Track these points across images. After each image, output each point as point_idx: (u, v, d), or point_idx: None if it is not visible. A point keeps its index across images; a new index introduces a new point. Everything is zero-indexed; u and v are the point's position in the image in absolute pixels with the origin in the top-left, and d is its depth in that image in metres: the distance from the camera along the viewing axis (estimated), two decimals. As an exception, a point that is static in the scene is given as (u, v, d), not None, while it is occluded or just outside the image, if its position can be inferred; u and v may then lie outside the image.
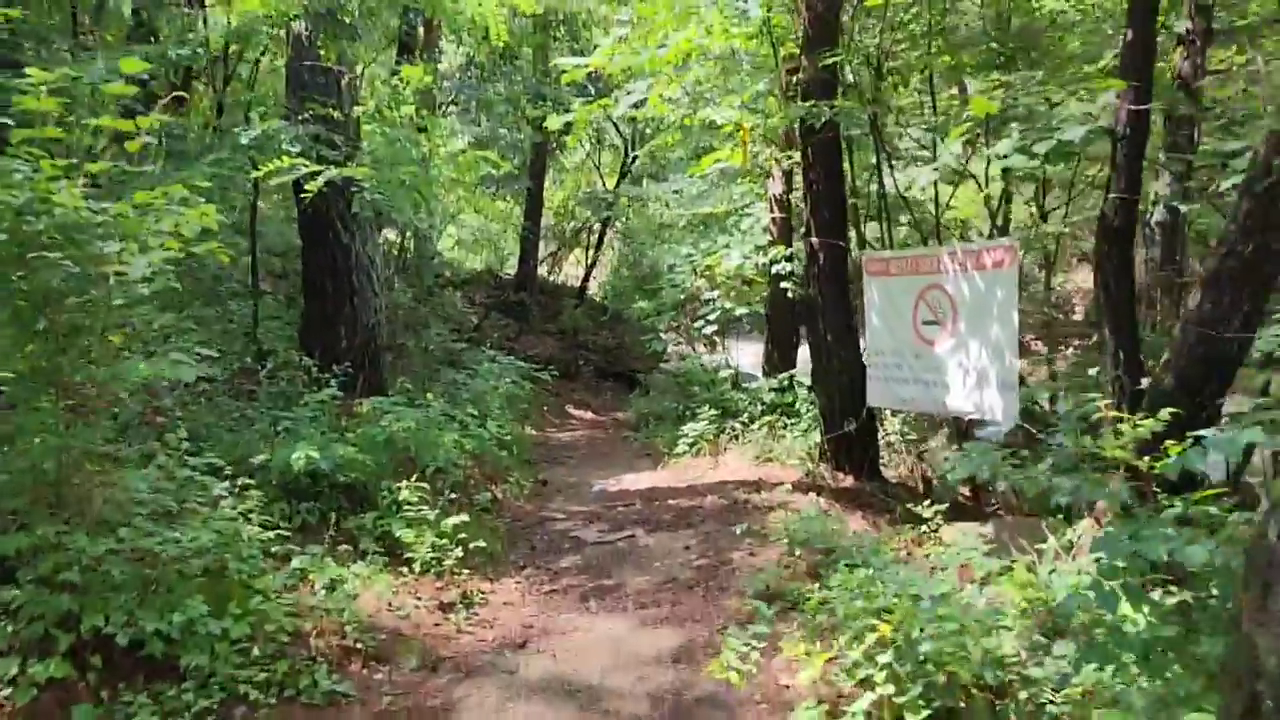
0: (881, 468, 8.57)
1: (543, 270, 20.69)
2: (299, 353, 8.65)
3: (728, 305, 10.60)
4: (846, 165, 8.87)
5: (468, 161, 8.03)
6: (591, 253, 19.95)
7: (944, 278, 7.31)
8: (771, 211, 11.45)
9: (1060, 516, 6.16)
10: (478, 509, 7.56)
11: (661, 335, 15.07)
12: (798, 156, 9.60)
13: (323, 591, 5.44)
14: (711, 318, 10.70)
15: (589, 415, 15.67)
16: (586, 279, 19.84)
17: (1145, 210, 10.14)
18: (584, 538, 7.17)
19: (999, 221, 9.55)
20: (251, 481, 5.96)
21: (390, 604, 5.52)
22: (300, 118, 7.47)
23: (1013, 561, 5.07)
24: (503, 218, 18.90)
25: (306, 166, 6.60)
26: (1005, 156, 6.20)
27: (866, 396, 8.08)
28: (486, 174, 9.16)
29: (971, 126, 5.97)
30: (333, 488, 6.65)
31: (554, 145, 20.32)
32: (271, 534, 5.41)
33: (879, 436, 8.75)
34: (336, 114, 7.88)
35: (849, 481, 8.23)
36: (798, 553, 6.10)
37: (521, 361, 15.66)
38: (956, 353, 7.23)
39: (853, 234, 8.78)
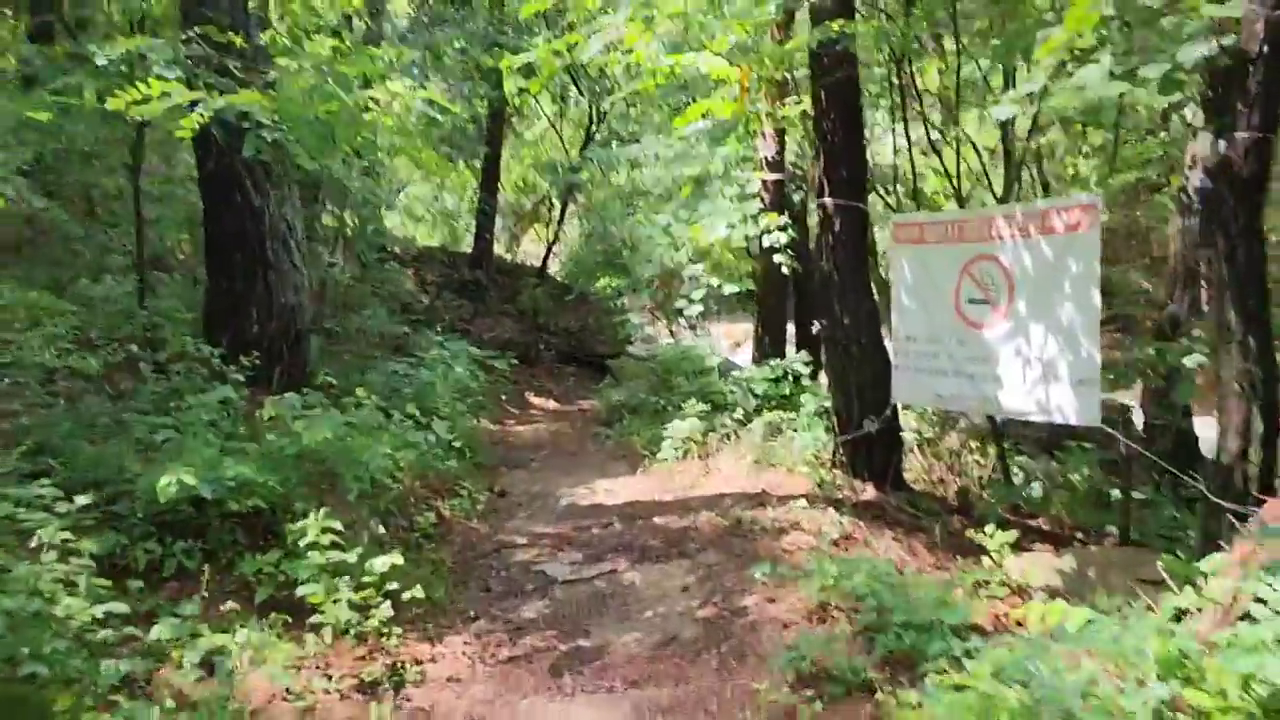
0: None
1: (500, 248, 18.97)
2: (201, 341, 6.97)
3: (714, 282, 9.07)
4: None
5: (405, 102, 6.42)
6: (553, 228, 18.27)
7: (997, 245, 5.85)
8: (763, 175, 9.93)
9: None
10: (417, 535, 5.99)
11: (632, 317, 13.53)
12: (796, 109, 8.10)
13: (192, 673, 3.87)
14: (695, 297, 9.17)
15: (552, 405, 14.08)
16: (547, 256, 18.18)
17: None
18: (552, 573, 5.62)
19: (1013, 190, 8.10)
20: (97, 516, 4.36)
21: (288, 689, 3.95)
22: (184, 37, 5.76)
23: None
24: (458, 185, 17.16)
25: (183, 95, 4.91)
26: (1082, 89, 4.74)
27: (892, 391, 6.62)
28: (432, 125, 7.49)
29: (1065, 41, 4.50)
30: (224, 518, 5.04)
31: (512, 111, 18.62)
32: (105, 605, 3.79)
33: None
34: (239, 41, 6.17)
35: (870, 492, 6.78)
36: (833, 600, 4.63)
37: (476, 347, 14.08)
38: (1013, 338, 5.79)
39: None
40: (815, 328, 8.03)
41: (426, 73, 15.57)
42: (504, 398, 13.44)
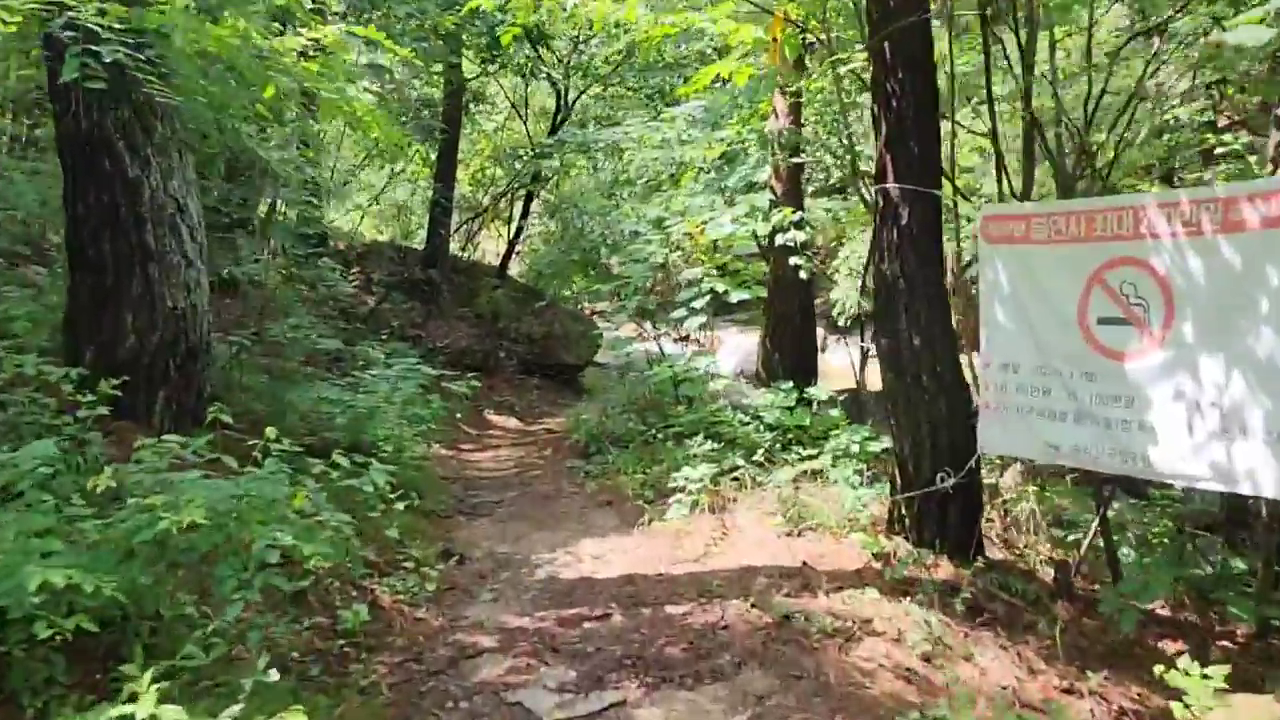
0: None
1: (455, 246, 17.05)
2: (52, 359, 5.08)
3: (719, 288, 7.36)
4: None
5: (335, 41, 4.64)
6: (515, 224, 16.40)
7: (1148, 246, 4.22)
8: (774, 161, 8.27)
9: None
10: (341, 644, 4.18)
11: (609, 320, 11.74)
12: (811, 84, 6.45)
13: None
14: (697, 305, 7.44)
15: (514, 424, 12.26)
16: (509, 255, 16.32)
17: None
18: (534, 708, 3.85)
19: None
20: None
21: None
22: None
23: None
24: (411, 173, 15.24)
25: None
26: None
27: (979, 437, 4.97)
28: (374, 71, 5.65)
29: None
30: (33, 646, 3.21)
31: (470, 96, 16.73)
32: None
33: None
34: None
35: (945, 568, 5.13)
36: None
37: (428, 356, 12.22)
38: (1171, 374, 4.16)
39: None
40: (867, 347, 6.38)
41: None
42: (459, 415, 11.59)
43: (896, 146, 5.22)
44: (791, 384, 8.04)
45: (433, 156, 16.09)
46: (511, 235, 16.30)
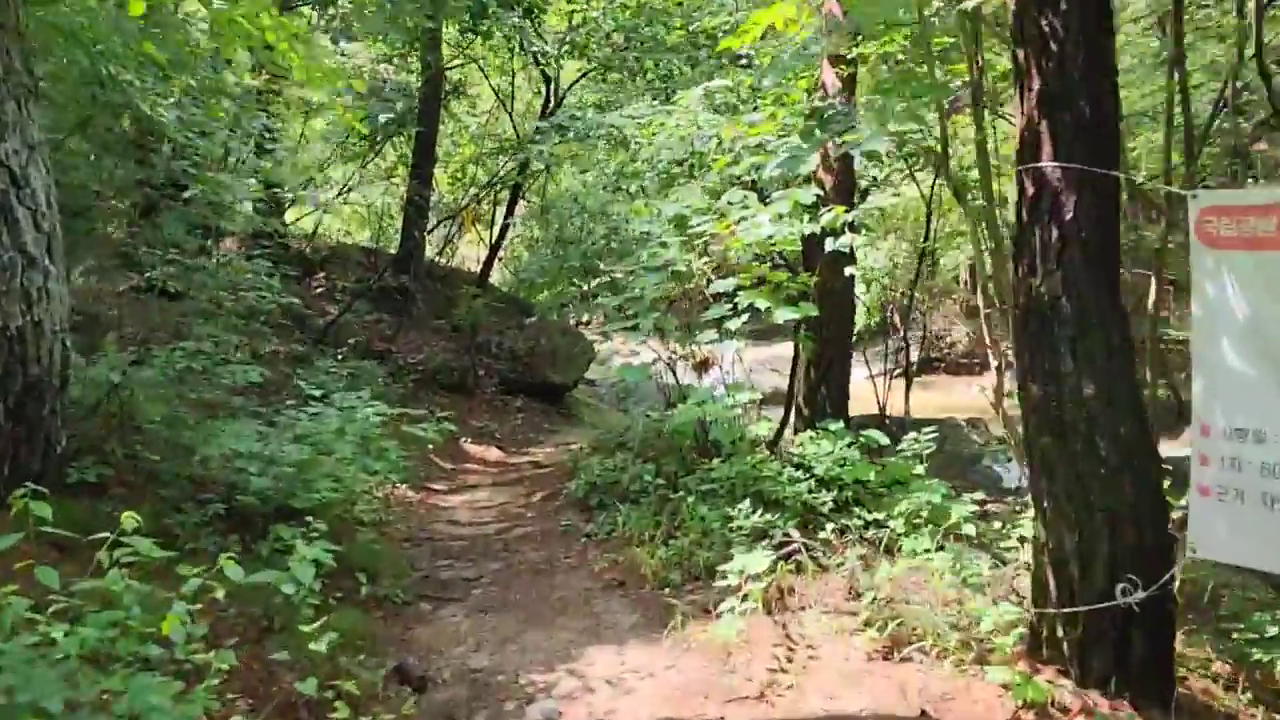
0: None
1: (434, 251, 15.26)
2: None
3: (759, 304, 5.68)
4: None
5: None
6: (498, 227, 14.65)
7: None
8: (821, 153, 6.61)
9: None
10: None
11: (597, 332, 10.00)
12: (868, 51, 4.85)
13: None
14: (733, 326, 5.74)
15: (495, 455, 10.51)
16: (490, 260, 14.57)
17: None
18: None
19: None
20: None
21: None
22: None
23: None
24: (382, 169, 13.49)
25: None
26: None
27: (1189, 533, 3.30)
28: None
29: None
30: None
31: (450, 88, 14.98)
32: None
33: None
34: None
35: (1120, 715, 3.44)
36: None
37: (396, 380, 10.48)
38: None
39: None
40: (994, 386, 4.69)
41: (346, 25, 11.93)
42: (430, 449, 9.83)
43: (1057, 106, 3.56)
44: (842, 424, 6.37)
45: (409, 154, 14.36)
46: (494, 239, 14.54)
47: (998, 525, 5.53)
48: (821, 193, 6.46)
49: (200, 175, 4.76)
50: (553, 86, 13.66)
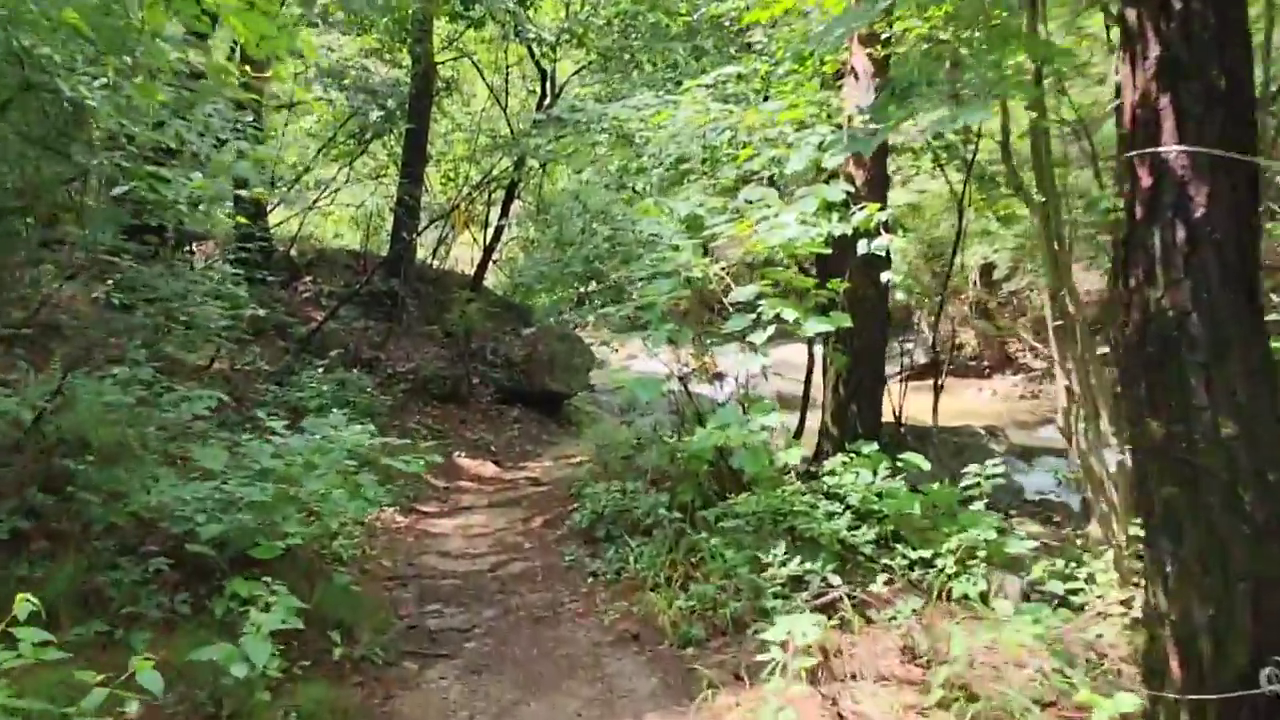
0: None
1: (426, 253, 14.50)
2: None
3: (786, 315, 4.97)
4: None
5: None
6: (492, 228, 13.91)
7: None
8: (851, 125, 5.92)
9: None
10: None
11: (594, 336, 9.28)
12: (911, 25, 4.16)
13: None
14: (759, 338, 5.01)
15: (490, 470, 9.79)
16: (485, 263, 13.83)
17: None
18: None
19: None
20: None
21: None
22: None
23: None
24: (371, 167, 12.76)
25: None
26: None
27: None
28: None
29: None
30: None
31: (442, 85, 14.24)
32: None
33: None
34: None
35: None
36: None
37: (385, 390, 9.77)
38: None
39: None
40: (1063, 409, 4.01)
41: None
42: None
43: (1182, 76, 2.86)
44: (876, 445, 5.67)
45: (400, 151, 13.61)
46: (488, 240, 13.79)
47: (1058, 562, 4.85)
48: (851, 189, 5.76)
49: (135, 169, 4.02)
50: (549, 81, 12.93)
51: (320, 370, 9.22)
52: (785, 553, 4.64)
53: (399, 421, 10.07)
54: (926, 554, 4.82)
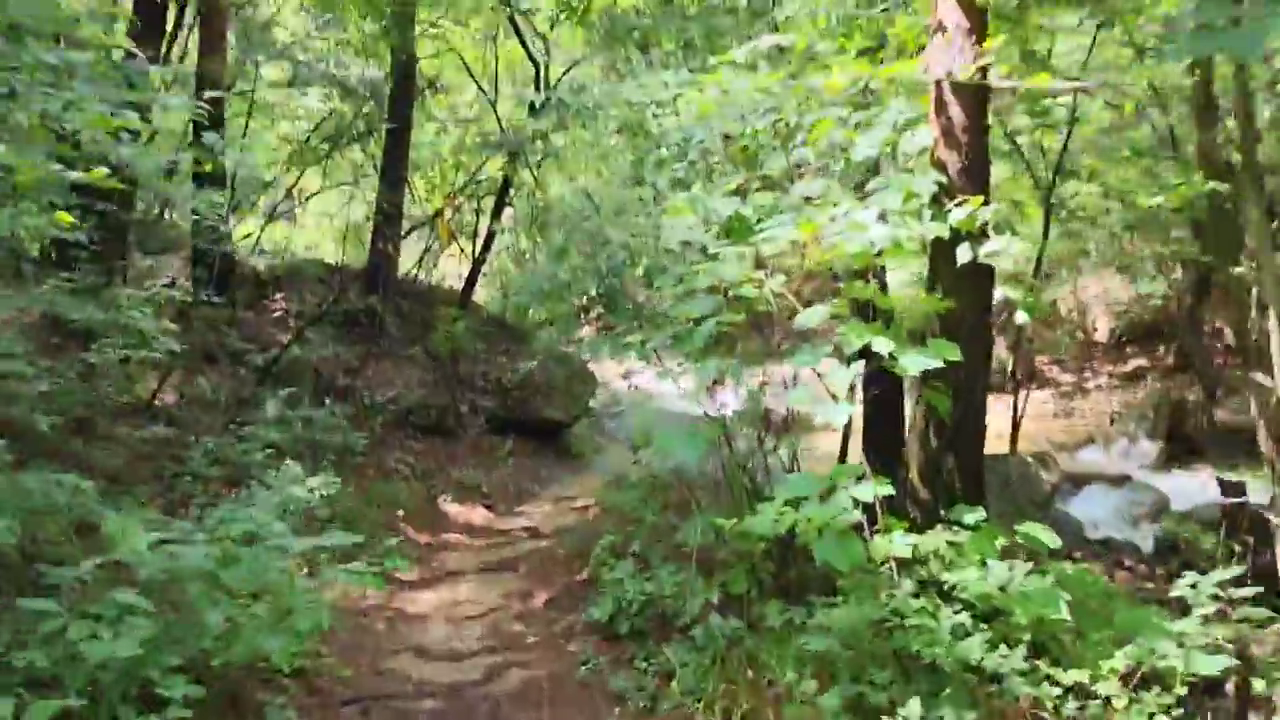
0: None
1: (412, 264, 13.07)
2: None
3: (882, 349, 3.58)
4: None
5: None
6: (481, 238, 12.49)
7: None
8: (941, 121, 4.61)
9: None
10: None
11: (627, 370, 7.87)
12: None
13: None
14: (842, 375, 3.62)
15: (481, 517, 8.37)
16: (474, 276, 12.40)
17: None
18: None
19: None
20: None
21: None
22: None
23: None
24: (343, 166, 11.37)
25: None
26: None
27: None
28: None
29: None
30: None
31: (425, 84, 12.87)
32: None
33: None
34: None
35: None
36: None
37: (365, 417, 8.41)
38: None
39: None
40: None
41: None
42: (400, 512, 7.69)
43: None
44: (981, 512, 4.27)
45: (378, 155, 12.21)
46: (478, 251, 12.38)
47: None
48: (943, 179, 4.39)
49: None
50: (541, 76, 11.52)
51: (281, 404, 7.79)
52: (891, 679, 3.26)
53: (377, 460, 8.65)
54: (1082, 676, 3.44)
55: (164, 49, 9.15)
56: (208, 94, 5.89)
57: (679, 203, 4.70)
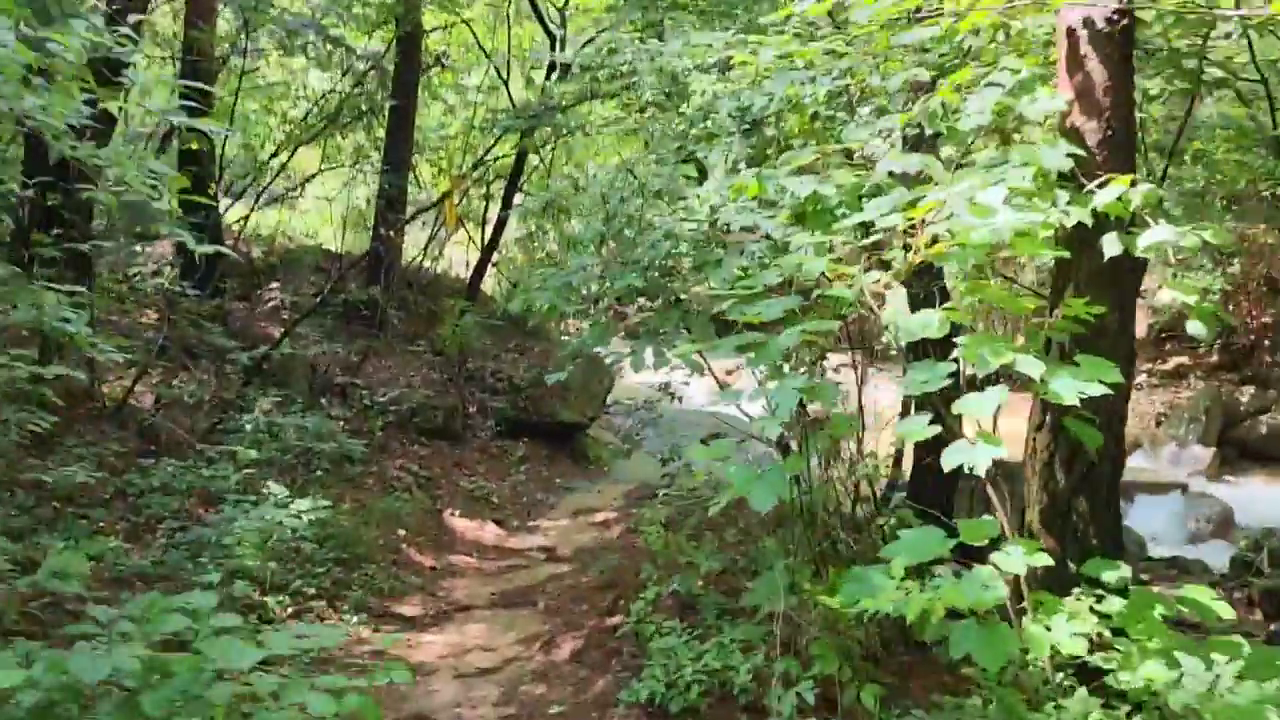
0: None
1: (417, 252, 12.14)
2: None
3: (1027, 367, 2.67)
4: None
5: None
6: (490, 225, 11.56)
7: None
8: (1076, 80, 3.66)
9: None
10: None
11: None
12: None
13: None
14: (982, 407, 2.73)
15: (492, 534, 7.48)
16: (483, 265, 11.48)
17: None
18: None
19: None
20: None
21: None
22: None
23: None
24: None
25: None
26: None
27: None
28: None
29: None
30: None
31: (430, 59, 11.91)
32: None
33: None
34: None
35: None
36: None
37: (363, 419, 7.55)
38: None
39: None
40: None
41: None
42: (402, 531, 6.81)
43: None
44: (1122, 567, 3.36)
45: (382, 135, 11.28)
46: (487, 238, 11.44)
47: None
48: (1080, 151, 3.46)
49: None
50: (557, 49, 10.56)
51: (270, 409, 6.90)
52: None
53: (377, 469, 7.77)
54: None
55: (146, 8, 8.21)
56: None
57: (747, 180, 3.78)
